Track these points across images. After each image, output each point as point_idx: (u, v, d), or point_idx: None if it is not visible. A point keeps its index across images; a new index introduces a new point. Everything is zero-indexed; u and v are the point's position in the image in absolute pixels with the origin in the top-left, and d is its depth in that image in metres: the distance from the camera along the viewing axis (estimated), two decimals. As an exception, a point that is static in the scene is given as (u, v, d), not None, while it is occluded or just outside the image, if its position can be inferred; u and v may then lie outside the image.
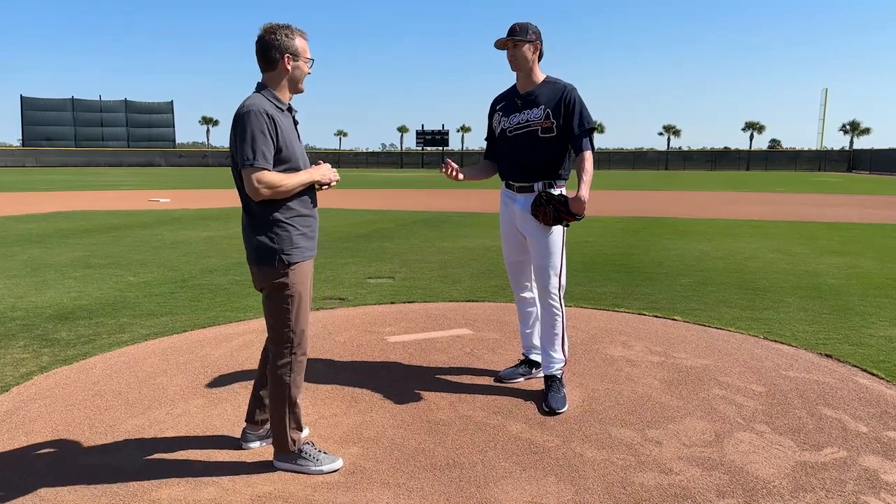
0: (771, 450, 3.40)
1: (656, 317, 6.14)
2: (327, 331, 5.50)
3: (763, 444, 3.47)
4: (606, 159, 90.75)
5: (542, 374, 4.11)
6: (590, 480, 3.09)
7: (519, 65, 3.93)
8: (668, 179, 47.23)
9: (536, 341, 4.27)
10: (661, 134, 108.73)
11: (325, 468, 3.11)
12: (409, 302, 6.73)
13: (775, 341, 5.35)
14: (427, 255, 9.97)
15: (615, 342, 5.19)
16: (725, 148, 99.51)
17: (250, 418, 3.39)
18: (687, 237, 12.29)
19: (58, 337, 5.47)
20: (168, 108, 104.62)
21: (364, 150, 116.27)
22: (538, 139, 3.89)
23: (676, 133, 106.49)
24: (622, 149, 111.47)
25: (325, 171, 3.17)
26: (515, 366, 4.43)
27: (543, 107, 3.88)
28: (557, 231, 3.95)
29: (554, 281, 3.96)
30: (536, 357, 4.31)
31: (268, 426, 3.36)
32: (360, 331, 5.50)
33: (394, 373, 4.51)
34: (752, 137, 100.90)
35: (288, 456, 3.16)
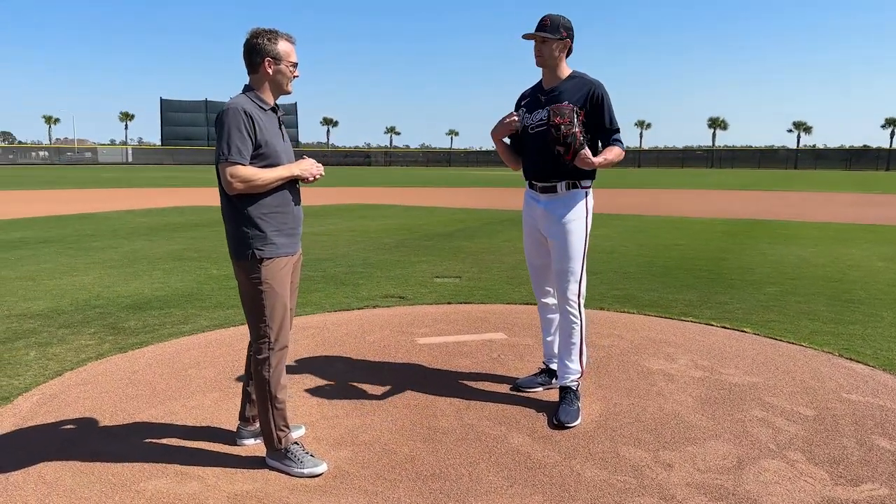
0: (798, 482, 3.05)
1: (724, 328, 5.71)
2: (362, 330, 5.50)
3: (791, 474, 3.12)
4: (730, 157, 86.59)
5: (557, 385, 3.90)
6: (579, 503, 2.88)
7: (545, 61, 3.75)
8: (791, 179, 44.35)
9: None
10: (790, 131, 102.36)
11: (307, 471, 3.08)
12: (464, 303, 6.63)
13: (850, 359, 4.83)
14: (503, 255, 9.82)
15: (658, 354, 4.86)
16: (864, 146, 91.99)
17: (242, 415, 3.43)
18: (790, 241, 11.43)
19: (126, 326, 5.77)
20: (292, 109, 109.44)
21: (476, 149, 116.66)
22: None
23: (807, 130, 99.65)
24: (749, 146, 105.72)
25: (305, 166, 3.17)
26: (535, 374, 4.23)
27: (567, 102, 3.67)
28: (579, 235, 3.73)
29: (573, 287, 3.75)
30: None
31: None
32: (394, 331, 5.46)
33: (411, 376, 4.43)
34: (892, 135, 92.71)
35: (275, 454, 3.17)
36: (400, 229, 13.20)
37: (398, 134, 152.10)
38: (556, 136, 3.50)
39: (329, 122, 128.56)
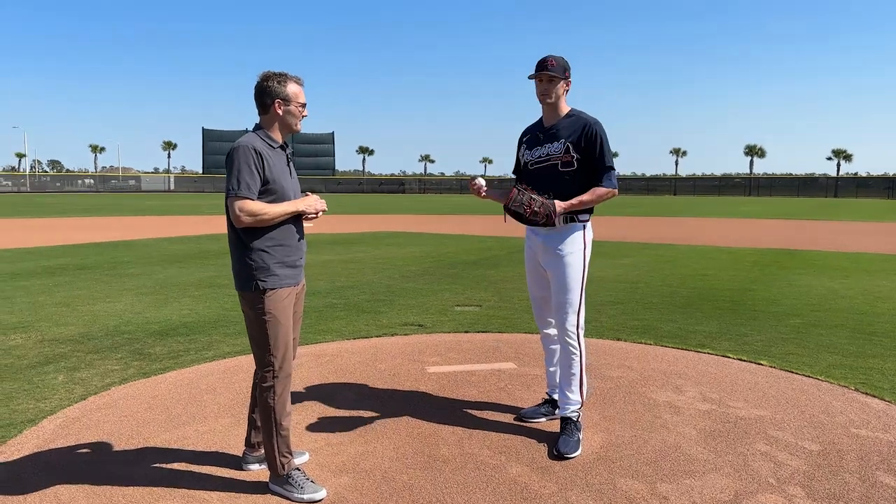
0: (794, 518, 3.04)
1: (740, 360, 5.67)
2: (375, 358, 5.60)
3: (788, 510, 3.11)
4: (768, 185, 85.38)
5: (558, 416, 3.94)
6: (570, 533, 2.92)
7: (550, 98, 3.87)
8: (830, 208, 43.49)
9: (561, 380, 4.11)
10: (829, 159, 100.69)
11: (307, 497, 3.18)
12: (482, 332, 6.70)
13: (866, 394, 4.77)
14: (526, 284, 9.85)
15: (667, 386, 4.86)
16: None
17: (248, 441, 3.54)
18: (820, 272, 11.26)
19: (152, 351, 5.96)
20: (329, 138, 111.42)
21: (510, 177, 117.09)
22: (558, 173, 3.80)
23: (847, 158, 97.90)
24: (789, 174, 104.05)
25: (310, 202, 3.31)
26: (539, 405, 4.28)
27: (564, 140, 3.79)
28: (577, 267, 3.81)
29: (572, 318, 3.81)
30: (560, 397, 4.14)
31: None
32: (405, 359, 5.56)
33: (417, 404, 4.51)
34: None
35: (278, 479, 3.27)
36: (426, 257, 13.34)
37: (432, 162, 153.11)
38: (537, 219, 3.75)
39: (365, 151, 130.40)
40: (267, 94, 3.25)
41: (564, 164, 3.78)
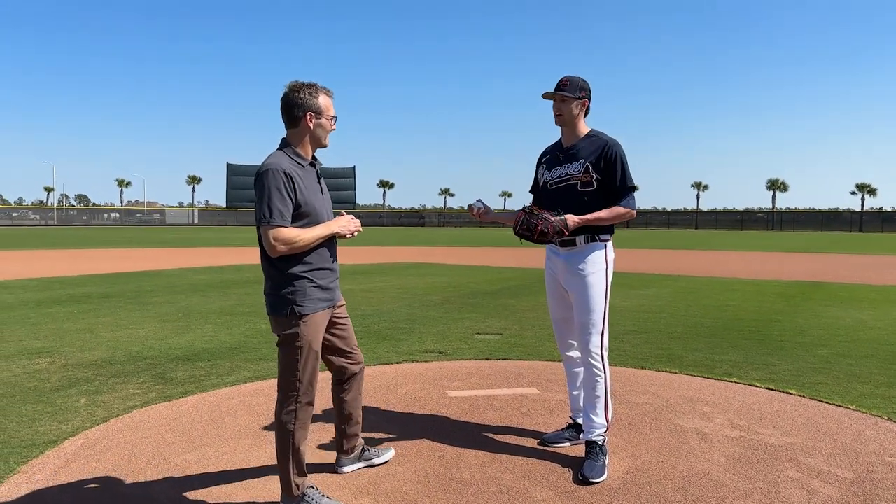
0: (829, 546, 2.93)
1: (768, 389, 5.56)
2: (396, 382, 5.56)
3: (822, 538, 3.00)
4: (791, 220, 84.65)
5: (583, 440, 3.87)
6: (596, 558, 2.83)
7: (564, 119, 3.89)
8: (855, 242, 42.91)
9: (585, 404, 4.04)
10: (853, 193, 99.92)
11: (326, 514, 3.13)
12: (502, 359, 6.64)
13: (900, 423, 4.64)
14: (546, 313, 9.77)
15: (694, 413, 4.76)
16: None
17: (340, 448, 3.69)
18: (847, 304, 11.06)
19: (173, 376, 5.97)
20: (351, 172, 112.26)
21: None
22: (577, 193, 3.79)
23: (872, 192, 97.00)
24: (813, 208, 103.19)
25: (344, 223, 3.25)
26: (562, 429, 4.20)
27: (583, 160, 3.79)
28: (599, 287, 3.77)
29: (595, 339, 3.76)
30: (585, 421, 4.07)
31: (358, 450, 3.65)
32: (426, 384, 5.51)
33: (439, 427, 4.46)
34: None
35: (292, 499, 3.22)
36: (446, 287, 13.31)
37: (452, 195, 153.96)
38: (546, 239, 3.72)
39: (385, 185, 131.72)
40: (298, 105, 3.14)
41: (584, 184, 3.77)
